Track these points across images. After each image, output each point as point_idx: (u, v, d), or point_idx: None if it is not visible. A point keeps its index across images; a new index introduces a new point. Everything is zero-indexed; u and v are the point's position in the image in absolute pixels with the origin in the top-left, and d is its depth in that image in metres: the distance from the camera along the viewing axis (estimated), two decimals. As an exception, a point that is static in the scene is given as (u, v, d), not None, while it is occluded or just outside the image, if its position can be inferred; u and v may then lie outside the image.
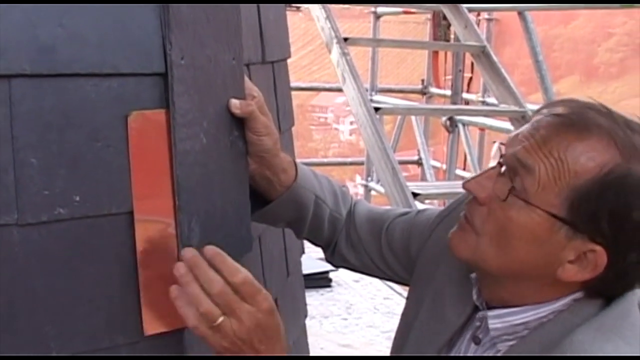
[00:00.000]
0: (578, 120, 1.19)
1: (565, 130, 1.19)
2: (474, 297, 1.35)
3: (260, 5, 1.76)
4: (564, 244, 1.19)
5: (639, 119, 1.23)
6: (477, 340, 1.33)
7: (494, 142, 1.34)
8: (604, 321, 1.19)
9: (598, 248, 1.17)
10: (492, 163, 1.32)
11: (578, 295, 1.23)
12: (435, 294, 1.44)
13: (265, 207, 1.52)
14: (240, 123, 1.39)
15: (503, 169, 1.24)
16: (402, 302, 1.55)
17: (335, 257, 1.70)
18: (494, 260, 1.25)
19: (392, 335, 1.55)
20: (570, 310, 1.23)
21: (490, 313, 1.29)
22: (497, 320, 1.28)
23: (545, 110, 1.25)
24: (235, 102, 1.37)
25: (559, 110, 1.23)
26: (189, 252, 1.20)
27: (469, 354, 1.35)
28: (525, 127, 1.25)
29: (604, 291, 1.22)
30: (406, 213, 1.66)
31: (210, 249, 1.20)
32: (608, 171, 1.15)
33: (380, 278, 1.72)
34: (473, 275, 1.35)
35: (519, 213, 1.20)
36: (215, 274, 1.18)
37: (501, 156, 1.26)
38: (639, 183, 1.15)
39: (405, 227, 1.60)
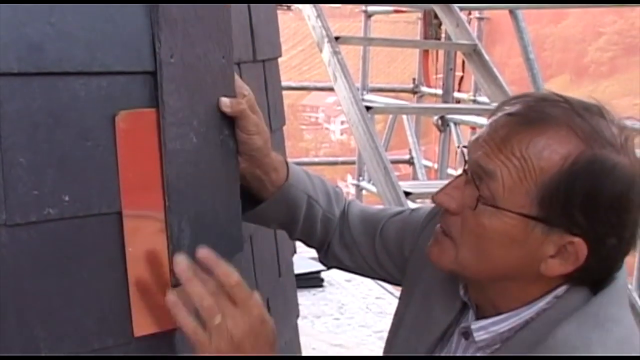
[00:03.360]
0: (534, 115, 1.18)
1: (523, 127, 1.17)
2: (461, 292, 1.34)
3: (251, 4, 1.75)
4: (542, 240, 1.18)
5: (596, 102, 1.22)
6: (467, 336, 1.32)
7: (458, 146, 1.34)
8: (588, 311, 1.19)
9: (576, 239, 1.16)
10: (459, 170, 1.31)
11: (560, 291, 1.22)
12: (424, 292, 1.44)
13: (256, 207, 1.51)
14: (230, 122, 1.39)
15: (468, 176, 1.23)
16: (394, 302, 1.55)
17: (328, 258, 1.69)
18: (476, 268, 1.24)
19: (385, 335, 1.55)
20: (553, 307, 1.22)
21: (474, 325, 1.28)
22: (483, 331, 1.27)
23: (500, 110, 1.24)
24: (225, 101, 1.36)
25: (513, 108, 1.21)
26: (181, 256, 1.21)
27: (459, 350, 1.34)
28: (484, 130, 1.23)
29: (588, 279, 1.21)
30: (400, 212, 1.65)
31: (204, 251, 1.21)
32: (573, 161, 1.14)
33: (373, 278, 1.72)
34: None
35: (491, 219, 1.19)
36: (209, 277, 1.20)
37: (465, 162, 1.25)
38: (605, 167, 1.14)
39: (399, 227, 1.60)
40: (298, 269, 2.70)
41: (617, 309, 1.20)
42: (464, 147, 1.28)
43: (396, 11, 8.08)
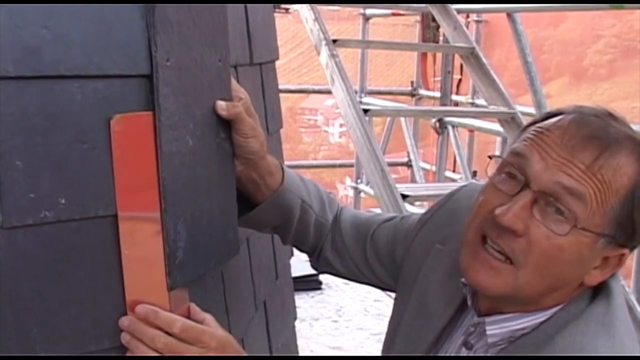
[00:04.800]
0: (607, 137, 1.19)
1: (602, 149, 1.18)
2: (469, 302, 1.34)
3: (248, 6, 1.75)
4: (598, 254, 1.21)
5: (614, 112, 1.25)
6: (468, 346, 1.32)
7: (489, 156, 1.30)
8: (594, 313, 1.22)
9: (627, 251, 1.21)
10: (491, 171, 1.28)
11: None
12: (419, 298, 1.44)
13: (251, 211, 1.51)
14: (226, 125, 1.39)
15: (537, 194, 1.20)
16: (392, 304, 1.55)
17: (320, 263, 1.69)
18: (536, 288, 1.22)
19: (383, 337, 1.55)
20: (563, 308, 1.24)
21: (488, 319, 1.28)
22: (495, 326, 1.28)
23: (561, 126, 1.22)
24: (221, 104, 1.36)
25: (582, 126, 1.21)
26: (125, 321, 1.23)
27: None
28: (534, 142, 1.22)
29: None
30: (391, 219, 1.65)
31: (141, 308, 1.24)
32: (636, 182, 1.19)
33: (365, 284, 1.71)
34: (463, 279, 1.34)
35: (570, 240, 1.18)
36: (155, 330, 1.23)
37: (525, 179, 1.21)
38: None
39: (390, 233, 1.60)
40: (296, 272, 2.71)
41: (620, 312, 1.23)
42: (505, 158, 1.27)
43: (394, 14, 8.07)
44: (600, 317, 1.21)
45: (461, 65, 6.98)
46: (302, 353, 2.46)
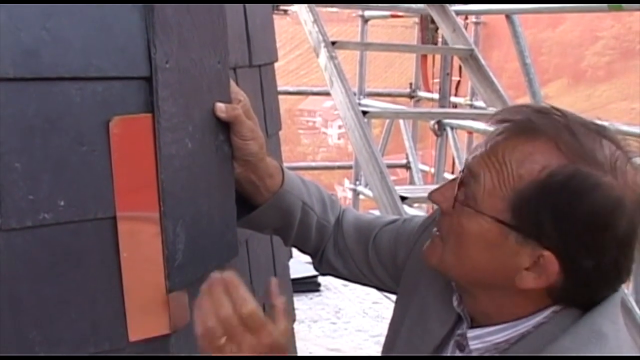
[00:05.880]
0: (525, 126, 1.18)
1: (513, 135, 1.19)
2: (455, 303, 1.34)
3: (247, 8, 1.75)
4: (517, 250, 1.18)
5: (600, 121, 1.21)
6: (462, 348, 1.33)
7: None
8: (582, 325, 1.19)
9: (546, 253, 1.15)
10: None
11: (557, 307, 1.22)
12: (420, 303, 1.44)
13: (251, 213, 1.51)
14: (226, 127, 1.39)
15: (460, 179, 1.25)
16: (391, 306, 1.55)
17: (322, 265, 1.69)
18: (455, 268, 1.26)
19: (381, 339, 1.55)
20: (551, 322, 1.22)
21: (470, 334, 1.28)
22: (477, 340, 1.28)
23: (498, 119, 1.24)
24: (220, 106, 1.36)
25: (509, 117, 1.22)
26: (215, 275, 1.20)
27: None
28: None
29: (574, 301, 1.21)
30: (394, 221, 1.65)
31: (229, 275, 1.20)
32: (550, 173, 1.13)
33: (367, 286, 1.72)
34: (454, 283, 1.34)
35: (469, 220, 1.20)
36: (226, 299, 1.18)
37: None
38: (585, 185, 1.13)
39: (392, 236, 1.60)
40: (295, 274, 2.71)
41: (609, 323, 1.19)
42: None
43: (393, 15, 8.07)
44: (586, 334, 1.17)
45: (460, 67, 6.98)
46: (300, 355, 2.46)
